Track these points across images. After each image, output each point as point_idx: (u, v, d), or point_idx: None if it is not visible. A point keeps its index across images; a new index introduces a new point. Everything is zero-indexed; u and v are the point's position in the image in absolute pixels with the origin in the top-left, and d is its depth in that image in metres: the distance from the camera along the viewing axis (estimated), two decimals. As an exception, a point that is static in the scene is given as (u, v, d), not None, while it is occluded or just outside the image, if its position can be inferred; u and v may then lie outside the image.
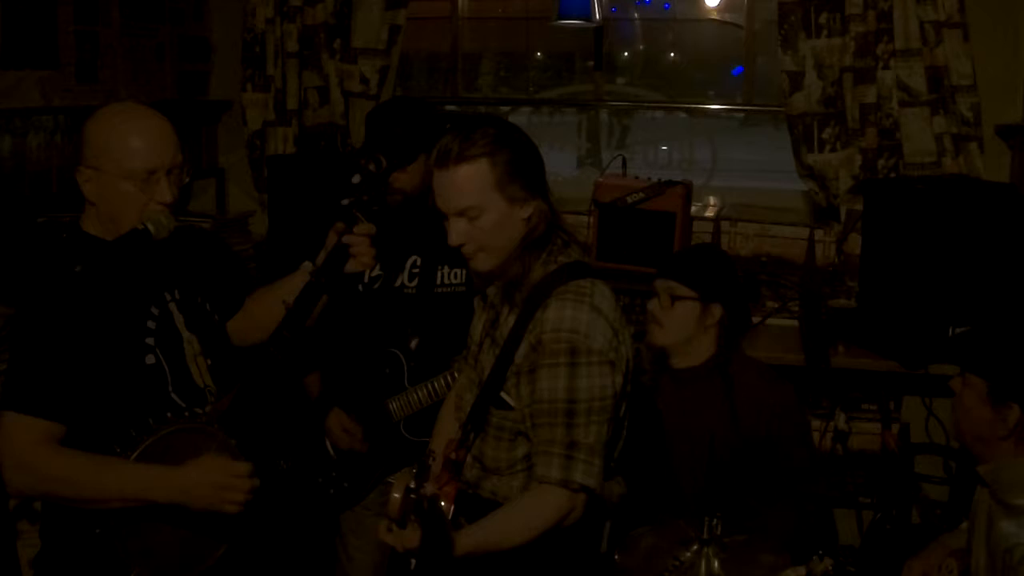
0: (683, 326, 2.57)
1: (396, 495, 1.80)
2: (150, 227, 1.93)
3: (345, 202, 2.08)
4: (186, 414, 2.02)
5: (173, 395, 2.03)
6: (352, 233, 2.07)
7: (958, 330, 2.94)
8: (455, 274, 2.70)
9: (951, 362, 2.37)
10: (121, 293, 1.98)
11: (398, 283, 2.68)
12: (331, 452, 2.74)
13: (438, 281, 2.70)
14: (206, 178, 4.04)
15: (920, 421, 3.38)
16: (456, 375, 2.60)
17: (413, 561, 1.90)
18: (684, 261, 2.69)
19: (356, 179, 2.08)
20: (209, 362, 2.10)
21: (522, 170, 1.93)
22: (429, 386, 2.64)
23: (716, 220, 3.57)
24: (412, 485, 1.76)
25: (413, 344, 2.66)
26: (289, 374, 2.74)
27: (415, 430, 2.69)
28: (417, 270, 2.68)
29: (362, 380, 2.70)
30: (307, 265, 2.10)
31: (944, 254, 2.92)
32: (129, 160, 1.93)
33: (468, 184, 1.89)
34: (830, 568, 2.03)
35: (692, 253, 2.90)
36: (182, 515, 1.97)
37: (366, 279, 2.67)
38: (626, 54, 6.57)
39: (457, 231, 1.94)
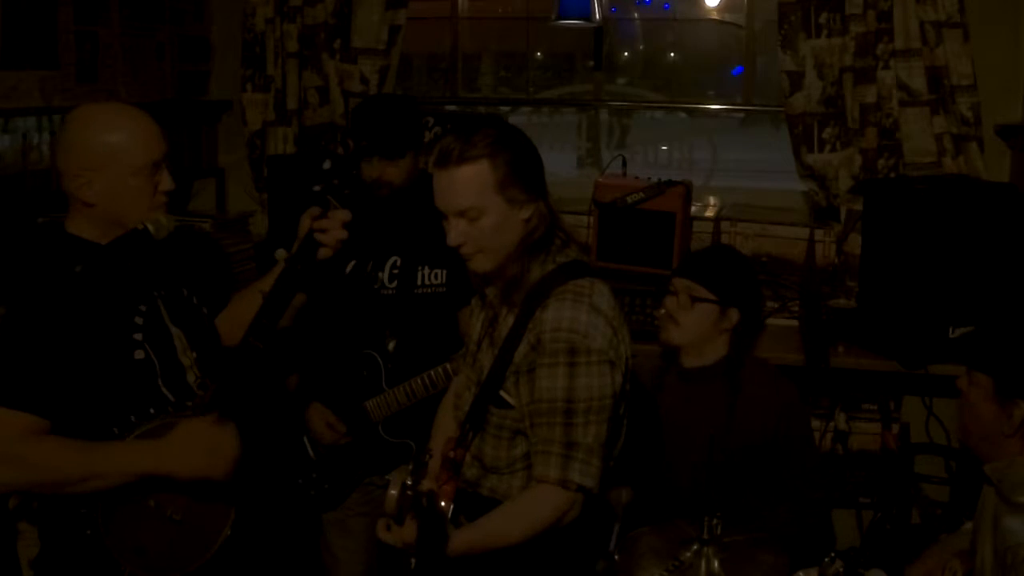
0: (699, 327, 2.57)
1: (392, 492, 1.81)
2: (150, 227, 1.95)
3: (317, 188, 2.07)
4: (170, 409, 2.02)
5: (163, 389, 2.03)
6: (326, 218, 2.06)
7: (958, 330, 2.94)
8: (435, 274, 2.70)
9: (958, 361, 2.35)
10: (112, 292, 1.99)
11: (376, 284, 2.68)
12: (311, 453, 2.73)
13: (418, 282, 2.69)
14: (206, 178, 4.04)
15: (920, 421, 3.38)
16: (435, 377, 2.60)
17: (413, 561, 1.90)
18: (707, 263, 2.67)
19: (327, 164, 2.07)
20: (195, 355, 2.10)
21: (522, 172, 1.93)
22: (407, 387, 2.64)
23: (716, 220, 3.57)
24: (408, 482, 1.76)
25: (391, 346, 2.66)
26: (269, 363, 2.74)
27: (394, 431, 2.69)
28: (397, 271, 2.68)
29: (340, 382, 2.70)
30: (281, 252, 2.10)
31: (944, 254, 2.92)
32: (136, 156, 1.96)
33: (469, 185, 1.90)
34: (841, 570, 2.03)
35: (715, 255, 2.86)
36: (174, 509, 1.97)
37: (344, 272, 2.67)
38: (626, 54, 6.56)
39: (456, 231, 1.94)
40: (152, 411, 2.01)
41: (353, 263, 2.66)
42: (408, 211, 2.64)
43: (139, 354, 2.00)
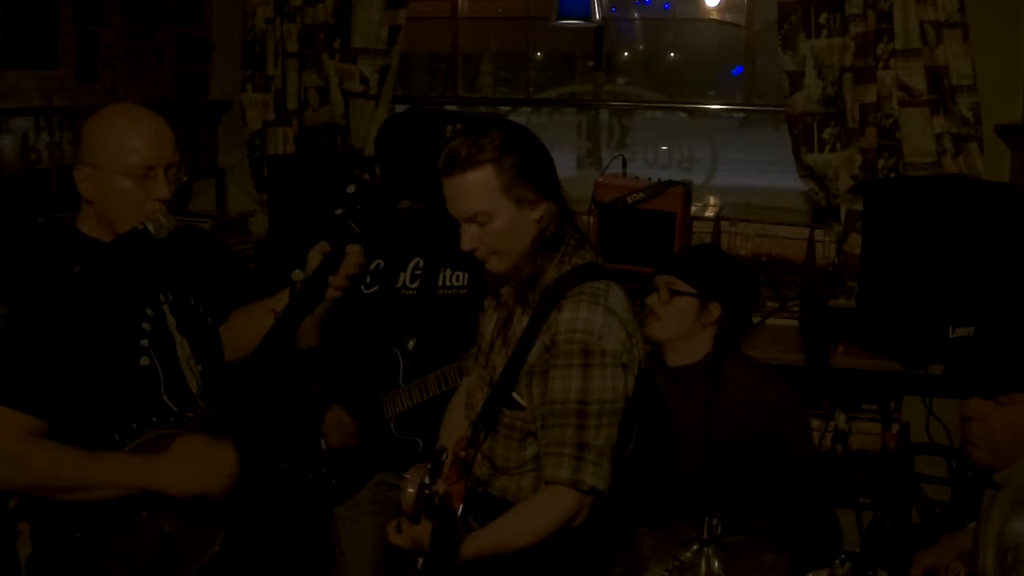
0: (680, 321, 2.57)
1: (411, 490, 1.80)
2: (150, 227, 1.93)
3: (339, 212, 2.08)
4: (171, 420, 2.01)
5: (165, 398, 2.02)
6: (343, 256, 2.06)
7: (958, 330, 2.93)
8: (457, 277, 2.71)
9: (970, 391, 2.28)
10: (117, 294, 1.98)
11: (399, 284, 2.69)
12: (323, 448, 2.74)
13: (440, 283, 2.71)
14: (206, 178, 4.04)
15: (920, 421, 3.38)
16: (448, 374, 2.61)
17: (420, 560, 1.90)
18: (686, 258, 2.71)
19: (351, 189, 2.09)
20: (200, 368, 2.10)
21: (530, 173, 1.92)
22: (421, 384, 2.65)
23: (716, 220, 3.57)
24: (427, 480, 1.76)
25: (411, 344, 2.68)
26: (277, 381, 2.75)
27: (405, 428, 2.70)
28: (419, 271, 2.69)
29: (358, 375, 2.71)
30: (297, 273, 2.10)
31: (944, 254, 2.92)
32: (126, 156, 1.94)
33: (475, 190, 1.90)
34: (850, 573, 2.02)
35: (694, 251, 2.92)
36: (166, 520, 1.97)
37: (367, 280, 2.68)
38: (626, 54, 6.56)
39: (469, 236, 1.94)
40: (154, 419, 2.00)
41: (378, 263, 2.67)
42: (432, 214, 2.65)
43: (144, 361, 2.00)
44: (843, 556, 2.03)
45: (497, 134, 1.92)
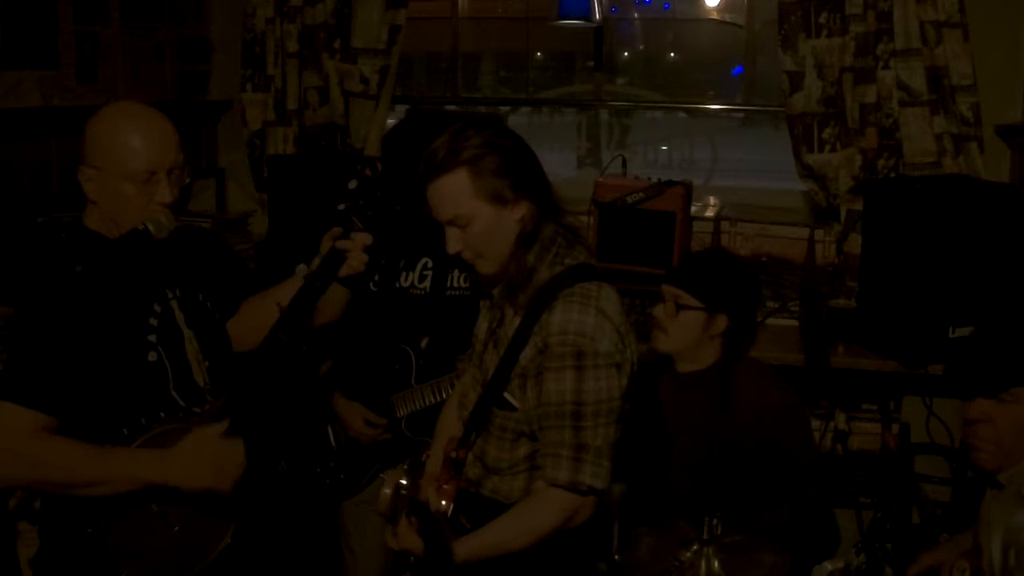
0: (687, 334, 2.56)
1: (387, 491, 1.81)
2: (150, 227, 1.94)
3: (341, 207, 2.09)
4: (180, 415, 2.02)
5: (173, 393, 2.03)
6: (348, 239, 2.08)
7: (958, 330, 2.93)
8: (464, 278, 2.72)
9: (972, 391, 2.26)
10: (123, 291, 1.98)
11: (407, 284, 2.69)
12: (332, 443, 2.75)
13: (449, 284, 2.71)
14: (206, 178, 4.04)
15: (920, 421, 3.38)
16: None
17: (413, 557, 1.90)
18: (693, 269, 2.65)
19: (352, 184, 2.09)
20: (207, 363, 2.10)
21: (508, 172, 1.92)
22: (434, 386, 2.65)
23: (716, 220, 3.57)
24: (403, 482, 1.76)
25: (423, 343, 2.68)
26: (284, 376, 2.75)
27: (416, 428, 2.70)
28: (429, 272, 2.70)
29: (371, 373, 2.72)
30: (301, 268, 2.11)
31: (944, 254, 2.92)
32: (130, 161, 1.93)
33: (451, 194, 1.90)
34: (864, 564, 2.03)
35: (701, 260, 2.81)
36: (176, 515, 1.97)
37: (375, 278, 2.69)
38: (626, 54, 6.57)
39: (453, 239, 1.95)
40: (162, 415, 2.00)
41: (383, 262, 2.68)
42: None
43: (152, 356, 2.00)
44: (859, 544, 2.03)
45: (475, 137, 1.91)
